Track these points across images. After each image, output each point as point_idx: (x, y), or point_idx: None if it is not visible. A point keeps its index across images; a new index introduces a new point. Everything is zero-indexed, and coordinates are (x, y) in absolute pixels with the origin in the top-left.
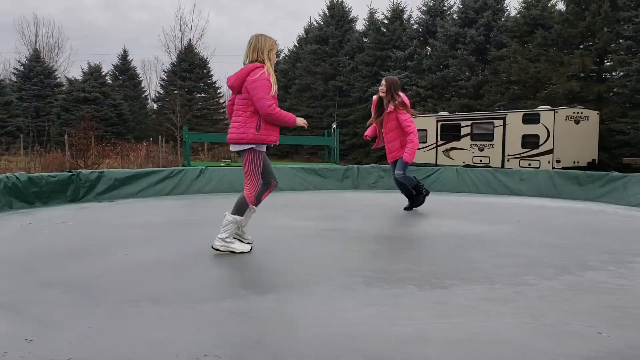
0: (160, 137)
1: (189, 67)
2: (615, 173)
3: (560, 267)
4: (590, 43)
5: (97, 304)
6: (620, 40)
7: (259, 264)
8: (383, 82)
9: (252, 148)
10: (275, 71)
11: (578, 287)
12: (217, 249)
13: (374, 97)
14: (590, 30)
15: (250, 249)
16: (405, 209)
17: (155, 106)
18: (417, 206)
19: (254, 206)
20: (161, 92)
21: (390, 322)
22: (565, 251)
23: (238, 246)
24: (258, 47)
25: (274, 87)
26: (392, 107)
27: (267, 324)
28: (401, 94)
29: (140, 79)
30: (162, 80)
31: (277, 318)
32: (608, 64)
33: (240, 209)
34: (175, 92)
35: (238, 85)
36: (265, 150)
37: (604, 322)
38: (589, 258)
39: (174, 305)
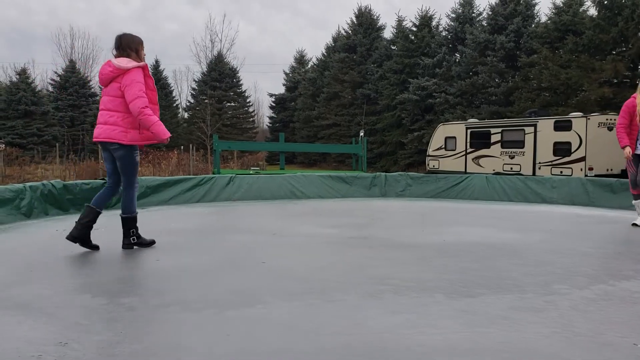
0: (190, 145)
1: (219, 76)
2: None
3: (592, 276)
4: (624, 49)
5: (129, 308)
6: None
7: (285, 270)
8: None
9: None
10: (303, 79)
11: (611, 297)
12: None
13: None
14: (623, 35)
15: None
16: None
17: (186, 115)
18: None
19: None
20: (192, 101)
21: (418, 330)
22: (598, 260)
23: None
24: None
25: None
26: None
27: (294, 331)
28: None
29: (172, 88)
30: (193, 89)
31: (303, 325)
32: None
33: None
34: (206, 101)
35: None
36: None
37: (639, 333)
38: (623, 267)
39: (203, 311)
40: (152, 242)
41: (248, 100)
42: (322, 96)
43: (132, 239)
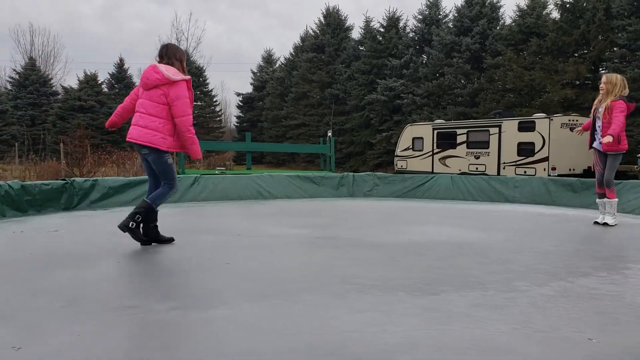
0: None
1: None
2: None
3: (552, 273)
4: (585, 51)
5: (87, 311)
6: (615, 49)
7: (251, 271)
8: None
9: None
10: (271, 79)
11: (569, 294)
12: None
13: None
14: (585, 38)
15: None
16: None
17: None
18: None
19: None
20: None
21: (381, 329)
22: (557, 258)
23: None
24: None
25: None
26: None
27: (258, 332)
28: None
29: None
30: None
31: (267, 326)
32: (603, 72)
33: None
34: None
35: None
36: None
37: (594, 328)
38: (581, 264)
39: (165, 312)
40: (142, 240)
41: (215, 100)
42: (291, 96)
43: (131, 224)
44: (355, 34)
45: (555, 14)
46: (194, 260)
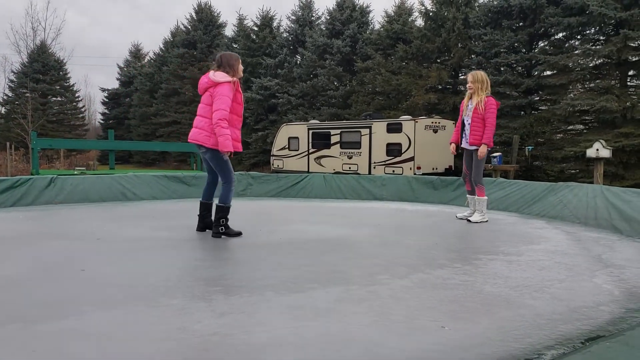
0: (8, 143)
1: (43, 68)
2: None
3: (412, 266)
4: (447, 58)
5: None
6: (472, 56)
7: (108, 278)
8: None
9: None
10: (139, 74)
11: (426, 284)
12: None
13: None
14: (446, 45)
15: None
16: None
17: (3, 110)
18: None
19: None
20: (10, 94)
21: (245, 330)
22: (418, 251)
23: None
24: None
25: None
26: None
27: (111, 341)
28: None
29: None
30: (12, 81)
31: (122, 334)
32: (462, 77)
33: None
34: (27, 95)
35: None
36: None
37: (447, 316)
38: (439, 257)
39: (4, 326)
40: (239, 234)
41: (77, 95)
42: (161, 92)
43: (221, 229)
44: (229, 32)
45: (420, 22)
46: (46, 268)
